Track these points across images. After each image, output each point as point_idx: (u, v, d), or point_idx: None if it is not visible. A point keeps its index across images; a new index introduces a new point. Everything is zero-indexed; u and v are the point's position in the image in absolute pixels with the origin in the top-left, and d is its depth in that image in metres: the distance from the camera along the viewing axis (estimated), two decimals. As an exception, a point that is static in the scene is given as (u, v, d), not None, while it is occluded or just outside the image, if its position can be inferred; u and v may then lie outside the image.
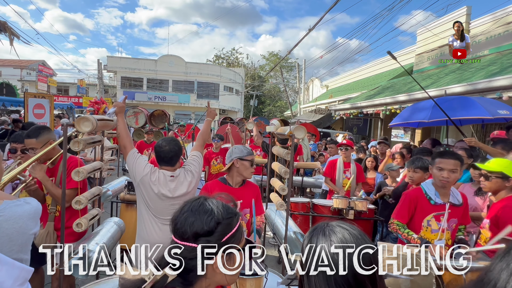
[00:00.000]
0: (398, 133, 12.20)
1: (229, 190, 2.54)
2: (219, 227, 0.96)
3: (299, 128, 3.11)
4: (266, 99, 41.92)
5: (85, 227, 2.53)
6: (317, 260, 0.89)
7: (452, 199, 2.51)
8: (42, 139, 2.55)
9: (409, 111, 5.75)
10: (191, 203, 1.01)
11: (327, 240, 0.91)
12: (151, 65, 30.59)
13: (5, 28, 5.54)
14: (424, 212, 2.50)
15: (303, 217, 4.46)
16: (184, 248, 0.93)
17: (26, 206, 1.41)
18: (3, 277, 1.24)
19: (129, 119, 9.39)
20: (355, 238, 0.91)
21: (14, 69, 30.99)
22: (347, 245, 0.89)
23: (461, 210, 2.54)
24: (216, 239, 0.95)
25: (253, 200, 2.36)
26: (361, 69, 19.36)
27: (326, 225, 0.96)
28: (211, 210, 0.98)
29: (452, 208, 2.48)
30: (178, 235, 0.96)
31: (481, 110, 4.36)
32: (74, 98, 20.34)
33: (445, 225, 2.43)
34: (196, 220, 0.95)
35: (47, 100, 7.79)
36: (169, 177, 2.44)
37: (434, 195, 2.51)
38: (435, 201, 2.49)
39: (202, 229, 0.94)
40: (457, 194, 2.56)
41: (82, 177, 2.45)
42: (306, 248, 0.94)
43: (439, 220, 2.47)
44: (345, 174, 4.89)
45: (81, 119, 2.36)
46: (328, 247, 0.90)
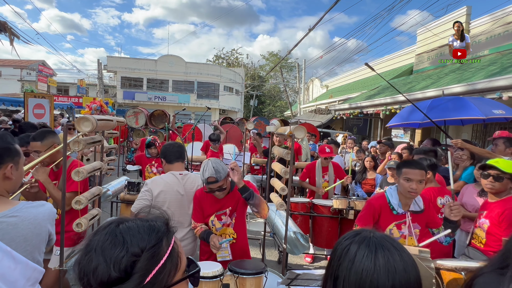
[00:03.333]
0: (398, 133, 12.21)
1: (215, 198, 2.48)
2: (138, 265, 0.66)
3: (299, 128, 3.11)
4: (266, 99, 41.93)
5: (85, 227, 2.54)
6: (354, 278, 0.80)
7: (413, 207, 2.48)
8: (46, 142, 2.61)
9: (406, 111, 5.75)
10: (100, 232, 0.71)
11: (370, 261, 0.80)
12: (151, 65, 30.60)
13: (5, 28, 5.53)
14: (386, 222, 2.49)
15: (303, 217, 4.46)
16: None
17: (41, 208, 1.45)
18: (17, 276, 1.27)
19: (129, 119, 9.39)
20: (405, 271, 0.79)
21: (14, 69, 30.98)
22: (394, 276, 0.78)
23: (423, 216, 2.49)
24: (134, 285, 0.65)
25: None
26: (361, 69, 19.36)
27: (372, 235, 0.86)
28: (123, 242, 0.67)
29: (412, 216, 2.47)
30: (83, 285, 0.67)
31: (475, 111, 4.36)
32: (74, 98, 20.35)
33: (406, 232, 2.44)
34: (100, 263, 0.65)
35: (47, 100, 7.80)
36: (178, 175, 2.62)
37: (397, 206, 2.47)
38: (397, 211, 2.47)
39: (109, 276, 0.65)
40: (418, 201, 2.50)
41: (82, 177, 2.46)
42: (342, 258, 0.83)
43: (400, 228, 2.48)
44: (324, 178, 4.94)
45: (81, 119, 2.37)
46: (371, 271, 0.78)
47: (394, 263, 0.79)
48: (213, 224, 2.51)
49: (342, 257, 0.83)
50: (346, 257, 0.83)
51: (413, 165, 2.41)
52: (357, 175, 5.59)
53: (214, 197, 2.47)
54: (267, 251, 4.76)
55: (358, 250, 0.82)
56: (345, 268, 0.81)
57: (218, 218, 2.50)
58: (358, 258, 0.81)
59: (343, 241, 0.87)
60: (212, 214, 2.50)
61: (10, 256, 1.24)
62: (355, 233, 0.89)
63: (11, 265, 1.23)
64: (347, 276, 0.81)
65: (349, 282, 0.80)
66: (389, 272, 0.78)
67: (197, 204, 2.52)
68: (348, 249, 0.84)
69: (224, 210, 2.49)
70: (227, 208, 2.49)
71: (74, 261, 0.71)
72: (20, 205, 1.39)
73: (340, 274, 0.82)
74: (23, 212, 1.37)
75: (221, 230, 2.51)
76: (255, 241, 4.83)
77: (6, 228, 1.31)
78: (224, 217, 2.50)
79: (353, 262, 0.81)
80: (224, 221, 2.51)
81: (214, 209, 2.49)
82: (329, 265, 0.89)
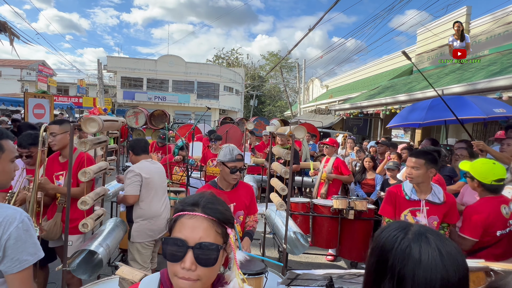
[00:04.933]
0: (398, 133, 12.21)
1: (220, 193, 2.45)
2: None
3: (299, 128, 3.12)
4: (266, 99, 41.93)
5: (91, 227, 2.57)
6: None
7: (431, 197, 2.59)
8: (64, 127, 2.86)
9: (406, 111, 5.75)
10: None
11: (438, 259, 0.81)
12: (151, 65, 30.59)
13: (5, 28, 5.53)
14: (401, 207, 2.65)
15: (303, 217, 4.46)
16: None
17: (8, 211, 1.28)
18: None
19: (129, 119, 9.39)
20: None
21: (14, 69, 30.99)
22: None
23: (443, 208, 2.58)
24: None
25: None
26: (361, 69, 19.36)
27: (424, 230, 0.86)
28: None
29: (430, 206, 2.58)
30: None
31: (476, 110, 4.34)
32: (74, 98, 20.34)
33: (425, 221, 2.55)
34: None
35: (47, 100, 7.80)
36: (150, 161, 3.32)
37: (410, 191, 2.65)
38: (410, 197, 2.63)
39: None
40: (438, 193, 2.61)
41: (88, 178, 2.47)
42: (406, 259, 0.83)
43: (415, 215, 2.59)
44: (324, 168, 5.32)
45: (87, 119, 2.39)
46: (440, 267, 0.80)
47: (456, 256, 0.81)
48: None
49: (406, 258, 0.82)
50: (410, 258, 0.82)
51: (412, 154, 2.67)
52: (357, 175, 5.59)
53: (218, 193, 2.43)
54: (267, 251, 4.76)
55: (422, 249, 0.82)
56: (411, 270, 0.81)
57: None
58: (424, 258, 0.81)
59: (400, 240, 0.85)
60: None
61: None
62: (402, 229, 0.88)
63: None
64: (415, 276, 0.80)
65: (419, 283, 0.80)
66: (455, 266, 0.80)
67: None
68: (410, 249, 0.83)
69: (229, 205, 2.49)
70: (232, 203, 2.49)
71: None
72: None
73: (407, 275, 0.81)
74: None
75: None
76: (255, 241, 4.83)
77: None
78: None
79: (420, 262, 0.81)
80: None
81: None
82: (382, 267, 0.86)
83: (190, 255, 0.87)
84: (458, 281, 0.79)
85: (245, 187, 2.70)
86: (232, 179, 2.49)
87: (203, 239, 0.89)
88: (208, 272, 0.90)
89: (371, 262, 0.90)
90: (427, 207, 2.57)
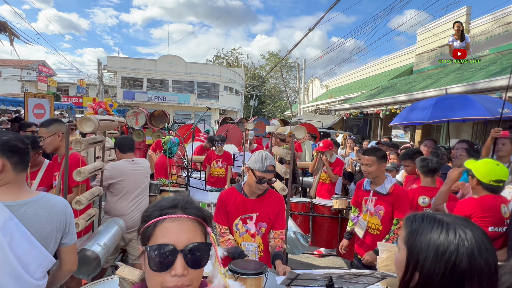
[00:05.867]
0: (398, 133, 12.21)
1: (243, 200, 2.34)
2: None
3: (299, 128, 3.12)
4: (266, 99, 41.93)
5: (82, 227, 2.53)
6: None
7: (379, 188, 2.87)
8: (51, 129, 2.69)
9: (409, 110, 5.73)
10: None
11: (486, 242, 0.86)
12: (151, 65, 30.59)
13: (5, 28, 5.53)
14: (361, 197, 3.02)
15: (303, 217, 4.46)
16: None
17: (58, 199, 1.60)
18: (30, 260, 1.39)
19: (129, 119, 9.38)
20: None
21: (14, 69, 31.00)
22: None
23: (389, 199, 2.82)
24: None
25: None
26: (361, 69, 19.37)
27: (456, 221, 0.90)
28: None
29: (378, 196, 2.88)
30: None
31: (482, 110, 4.32)
32: (74, 98, 20.34)
33: (372, 209, 2.89)
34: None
35: (47, 100, 7.79)
36: (130, 161, 3.31)
37: (366, 183, 3.00)
38: (366, 188, 2.98)
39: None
40: (387, 185, 2.86)
41: (83, 177, 2.45)
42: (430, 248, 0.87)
43: (366, 203, 2.95)
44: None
45: (83, 119, 2.38)
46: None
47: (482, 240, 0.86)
48: (237, 228, 2.34)
49: (471, 253, 0.84)
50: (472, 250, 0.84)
51: (364, 153, 2.94)
52: (356, 175, 5.58)
53: (241, 199, 2.34)
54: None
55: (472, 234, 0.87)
56: (484, 259, 0.84)
57: (243, 221, 2.35)
58: (477, 243, 0.85)
59: (457, 242, 0.86)
60: (237, 217, 2.35)
61: (29, 240, 1.39)
62: (439, 224, 0.89)
63: (27, 248, 1.37)
64: (479, 264, 0.83)
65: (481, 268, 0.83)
66: (482, 250, 0.85)
67: (222, 205, 2.36)
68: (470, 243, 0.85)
69: (251, 215, 2.34)
70: (254, 213, 2.33)
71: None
72: (41, 194, 1.53)
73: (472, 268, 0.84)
74: (43, 200, 1.50)
75: (244, 235, 2.34)
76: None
77: (29, 214, 1.43)
78: (250, 222, 2.34)
79: (480, 247, 0.85)
80: (248, 226, 2.34)
81: (240, 212, 2.34)
82: (455, 272, 0.85)
83: (180, 260, 0.82)
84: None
85: (273, 197, 2.42)
86: (257, 189, 2.29)
87: (192, 240, 0.84)
88: (199, 274, 0.87)
89: (431, 270, 0.87)
90: (375, 197, 2.88)
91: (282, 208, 2.43)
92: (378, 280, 1.65)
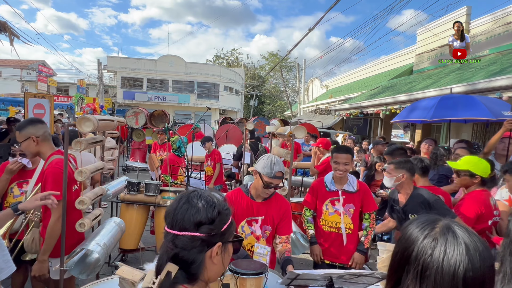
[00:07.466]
0: (398, 133, 12.21)
1: (250, 203, 2.34)
2: (219, 216, 0.99)
3: (299, 128, 3.12)
4: (266, 99, 41.93)
5: (88, 227, 2.51)
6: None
7: (346, 187, 2.84)
8: (23, 133, 2.33)
9: (412, 108, 5.71)
10: (187, 196, 1.02)
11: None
12: (151, 65, 30.60)
13: (5, 28, 5.52)
14: (323, 198, 2.90)
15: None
16: (184, 238, 0.95)
17: None
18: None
19: (129, 119, 9.39)
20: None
21: (14, 69, 31.01)
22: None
23: (357, 196, 2.84)
24: (217, 228, 0.98)
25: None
26: (361, 69, 19.36)
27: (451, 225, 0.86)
28: (212, 201, 1.01)
29: (346, 195, 2.84)
30: (178, 226, 0.96)
31: (485, 111, 4.29)
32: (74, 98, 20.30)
33: (342, 209, 2.83)
34: (198, 210, 0.97)
35: (47, 100, 7.79)
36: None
37: (330, 183, 2.88)
38: (330, 188, 2.87)
39: (206, 217, 0.97)
40: (353, 182, 2.85)
41: (84, 177, 2.43)
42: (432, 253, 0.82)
43: (334, 204, 2.86)
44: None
45: (82, 119, 2.37)
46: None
47: (483, 251, 0.80)
48: (243, 230, 2.35)
49: (432, 250, 0.81)
50: (435, 251, 0.81)
51: (340, 150, 2.84)
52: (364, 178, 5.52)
53: (248, 201, 2.34)
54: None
55: (448, 243, 0.81)
56: (436, 262, 0.80)
57: (249, 223, 2.36)
58: (449, 251, 0.79)
59: (427, 233, 0.84)
60: (244, 220, 2.35)
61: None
62: (430, 222, 0.86)
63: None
64: (439, 268, 0.79)
65: (442, 275, 0.79)
66: (481, 262, 0.79)
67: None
68: (436, 242, 0.82)
69: (256, 217, 2.35)
70: (260, 216, 2.33)
71: (166, 212, 1.01)
72: None
73: (430, 267, 0.81)
74: None
75: (249, 237, 2.36)
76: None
77: None
78: (255, 225, 2.36)
79: (445, 255, 0.80)
80: (253, 229, 2.36)
81: (247, 214, 2.35)
82: (406, 258, 0.85)
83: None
84: (482, 276, 0.78)
85: (279, 202, 2.41)
86: (264, 193, 2.29)
87: None
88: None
89: (395, 251, 0.90)
90: (344, 196, 2.83)
91: (288, 213, 2.43)
92: (378, 280, 1.65)
